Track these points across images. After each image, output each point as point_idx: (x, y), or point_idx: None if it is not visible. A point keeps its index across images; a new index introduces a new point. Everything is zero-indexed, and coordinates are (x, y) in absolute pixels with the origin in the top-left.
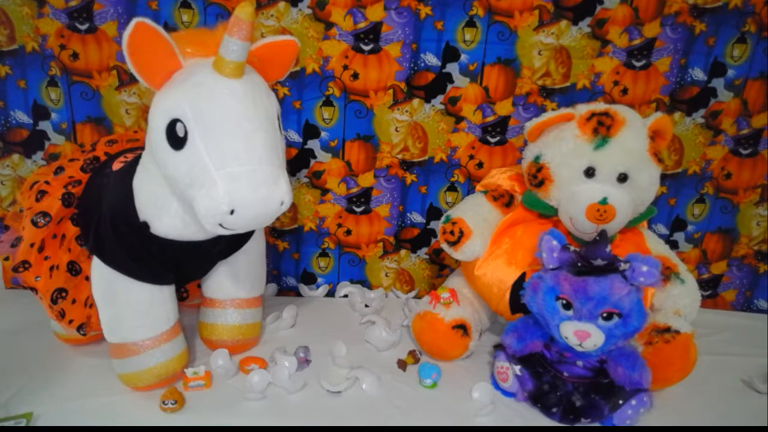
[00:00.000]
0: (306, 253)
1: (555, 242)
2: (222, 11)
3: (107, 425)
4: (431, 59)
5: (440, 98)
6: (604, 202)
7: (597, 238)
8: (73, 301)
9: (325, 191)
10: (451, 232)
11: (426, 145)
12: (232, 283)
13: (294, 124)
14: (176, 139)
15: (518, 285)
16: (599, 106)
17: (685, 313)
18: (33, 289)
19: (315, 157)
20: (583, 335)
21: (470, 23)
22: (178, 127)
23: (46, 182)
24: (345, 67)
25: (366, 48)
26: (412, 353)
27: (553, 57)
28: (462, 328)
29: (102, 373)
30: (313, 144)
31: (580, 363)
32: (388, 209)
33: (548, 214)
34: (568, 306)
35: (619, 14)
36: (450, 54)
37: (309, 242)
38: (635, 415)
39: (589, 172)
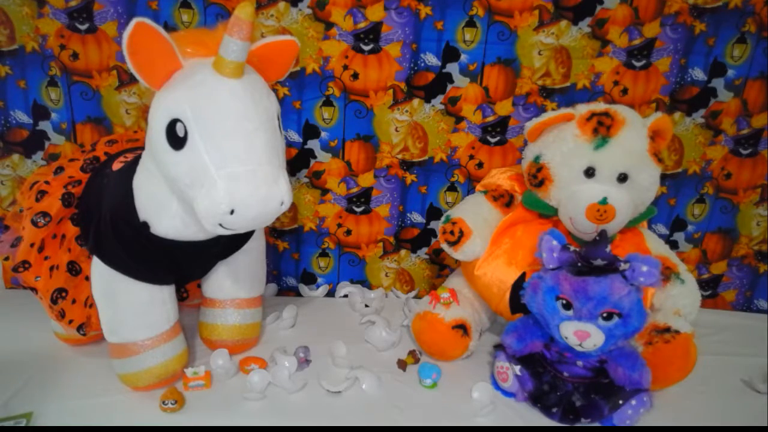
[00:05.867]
0: (306, 253)
1: (555, 242)
2: (222, 11)
3: (107, 425)
4: (431, 59)
5: (440, 98)
6: (604, 202)
7: (597, 238)
8: (73, 301)
9: (325, 191)
10: (451, 232)
11: (426, 145)
12: (232, 283)
13: (294, 124)
14: (176, 139)
15: (518, 285)
16: (599, 106)
17: (685, 313)
18: (33, 289)
19: (315, 157)
20: (583, 335)
21: (470, 23)
22: (178, 127)
23: (46, 182)
24: (345, 67)
25: (366, 48)
26: (412, 353)
27: (553, 57)
28: (462, 328)
29: (102, 373)
30: (313, 144)
31: (580, 363)
32: (388, 209)
33: (548, 214)
34: (568, 306)
35: (619, 14)
36: (450, 54)
37: (309, 242)
38: (635, 415)
39: (589, 172)
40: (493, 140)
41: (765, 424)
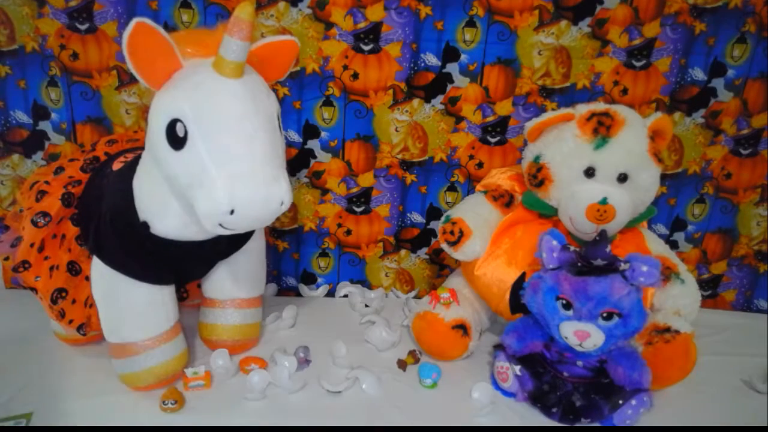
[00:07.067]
0: (306, 253)
1: (555, 242)
2: (222, 11)
3: (107, 425)
4: (431, 59)
5: (440, 98)
6: (604, 202)
7: (597, 238)
8: (73, 301)
9: (325, 191)
10: (451, 232)
11: (426, 145)
12: (232, 283)
13: (294, 124)
14: (176, 139)
15: (518, 285)
16: (599, 106)
17: (685, 313)
18: (33, 289)
19: (315, 157)
20: (583, 335)
21: (470, 23)
22: (178, 127)
23: (46, 182)
24: (345, 67)
25: (366, 48)
26: (412, 353)
27: (553, 57)
28: (462, 328)
29: (102, 373)
30: (313, 144)
31: (580, 363)
32: (388, 209)
33: (548, 214)
34: (568, 306)
35: (619, 14)
36: (450, 54)
37: (309, 242)
38: (635, 415)
39: (589, 172)
40: (493, 140)
41: (765, 424)
